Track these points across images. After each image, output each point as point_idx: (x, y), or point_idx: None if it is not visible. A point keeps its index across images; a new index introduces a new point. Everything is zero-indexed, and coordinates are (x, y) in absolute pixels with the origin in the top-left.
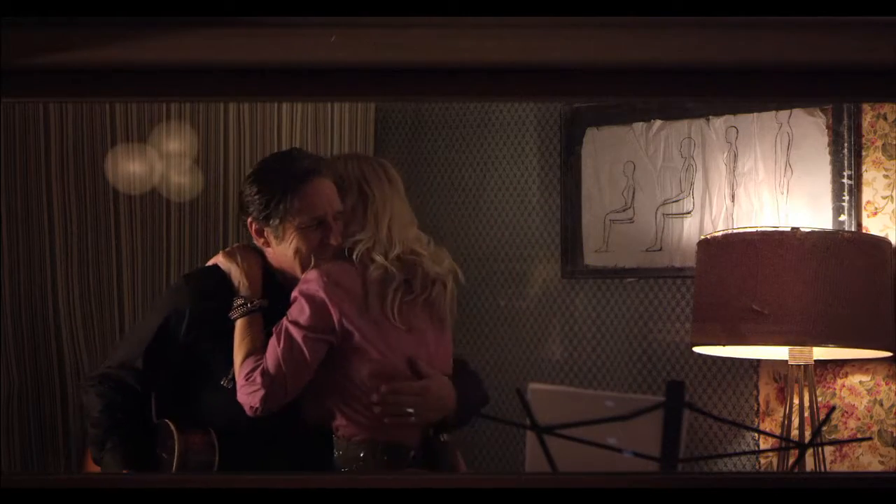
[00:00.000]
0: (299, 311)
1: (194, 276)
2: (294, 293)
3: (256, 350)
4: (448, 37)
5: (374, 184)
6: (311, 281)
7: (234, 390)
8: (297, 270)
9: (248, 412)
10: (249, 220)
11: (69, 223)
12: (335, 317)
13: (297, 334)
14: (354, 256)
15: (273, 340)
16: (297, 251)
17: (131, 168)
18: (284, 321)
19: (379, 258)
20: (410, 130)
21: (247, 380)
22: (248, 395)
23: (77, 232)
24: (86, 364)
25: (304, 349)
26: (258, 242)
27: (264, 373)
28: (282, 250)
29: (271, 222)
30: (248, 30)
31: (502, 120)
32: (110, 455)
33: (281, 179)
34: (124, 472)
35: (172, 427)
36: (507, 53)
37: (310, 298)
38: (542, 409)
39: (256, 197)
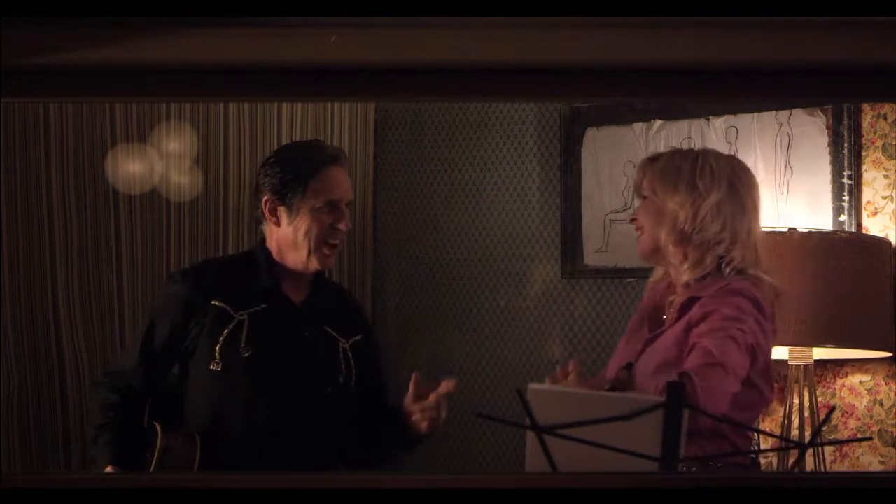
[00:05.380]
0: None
1: (187, 273)
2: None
3: None
4: (448, 37)
5: (749, 188)
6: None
7: (221, 378)
8: (303, 252)
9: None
10: (265, 198)
11: (69, 223)
12: None
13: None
14: (728, 268)
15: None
16: (307, 231)
17: (131, 168)
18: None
19: (766, 277)
20: (410, 130)
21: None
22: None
23: (77, 232)
24: (86, 364)
25: None
26: (269, 221)
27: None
28: (292, 230)
29: (287, 200)
30: (248, 30)
31: (502, 120)
32: (98, 452)
33: (303, 162)
34: (108, 469)
35: (158, 428)
36: (507, 53)
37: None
38: (542, 409)
39: (278, 176)
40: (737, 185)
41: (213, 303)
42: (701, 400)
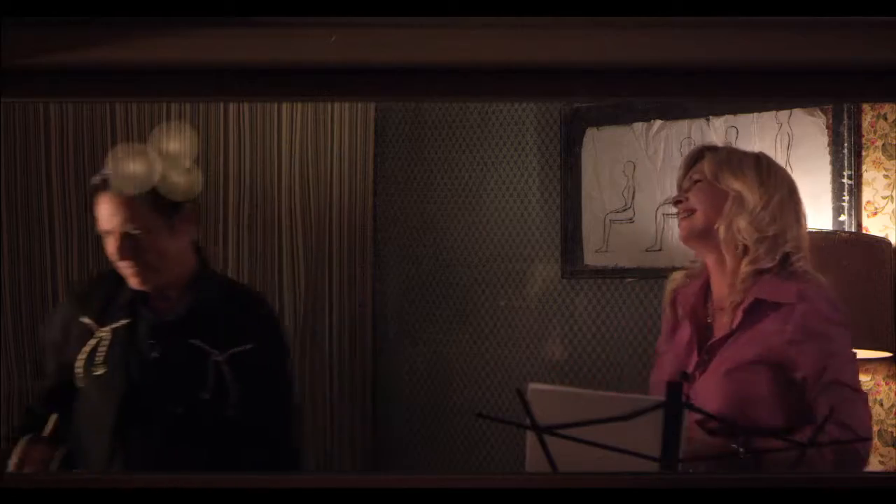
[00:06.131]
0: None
1: (70, 290)
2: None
3: None
4: (448, 37)
5: (800, 197)
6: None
7: (83, 395)
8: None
9: None
10: None
11: (69, 223)
12: None
13: None
14: (795, 265)
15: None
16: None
17: (131, 168)
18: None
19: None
20: (410, 130)
21: None
22: None
23: (77, 231)
24: None
25: None
26: None
27: None
28: None
29: None
30: (248, 30)
31: (502, 120)
32: None
33: None
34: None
35: (25, 437)
36: (507, 53)
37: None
38: (542, 409)
39: None
40: (794, 189)
41: (80, 319)
42: (861, 435)
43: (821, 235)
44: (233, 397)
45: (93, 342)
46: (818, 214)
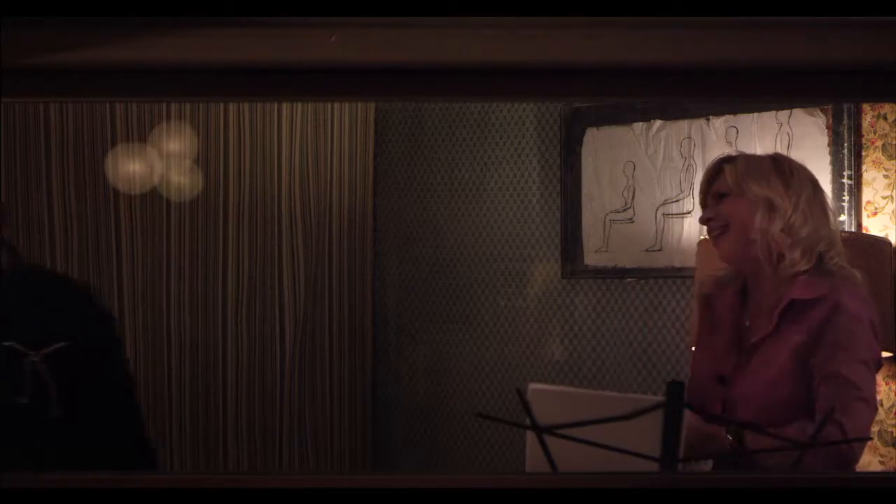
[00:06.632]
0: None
1: None
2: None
3: None
4: (448, 37)
5: (825, 194)
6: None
7: None
8: None
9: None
10: None
11: (69, 223)
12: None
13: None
14: (829, 264)
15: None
16: None
17: (131, 168)
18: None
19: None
20: (410, 130)
21: None
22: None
23: (77, 232)
24: None
25: None
26: None
27: None
28: None
29: None
30: (249, 30)
31: (502, 120)
32: None
33: None
34: None
35: None
36: (507, 53)
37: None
38: (542, 409)
39: None
40: (817, 184)
41: None
42: (850, 435)
43: None
44: (53, 398)
45: None
46: None
